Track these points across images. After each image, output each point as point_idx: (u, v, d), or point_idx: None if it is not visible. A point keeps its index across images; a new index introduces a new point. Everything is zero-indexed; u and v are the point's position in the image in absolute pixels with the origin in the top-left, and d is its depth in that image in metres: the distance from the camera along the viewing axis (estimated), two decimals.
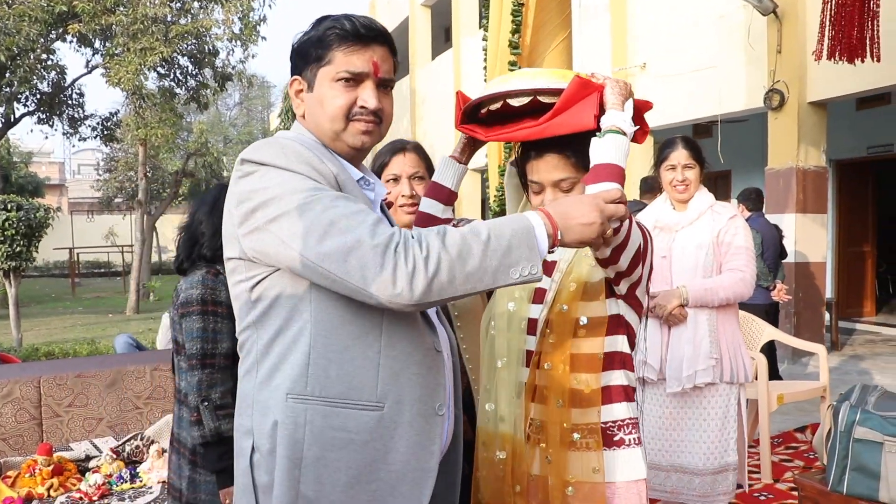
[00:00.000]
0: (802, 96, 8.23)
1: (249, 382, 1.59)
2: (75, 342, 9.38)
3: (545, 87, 1.80)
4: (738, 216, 3.38)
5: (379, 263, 1.38)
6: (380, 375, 1.53)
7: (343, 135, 1.64)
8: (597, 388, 1.85)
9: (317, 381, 1.51)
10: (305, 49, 1.65)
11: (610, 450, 1.86)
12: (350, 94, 1.62)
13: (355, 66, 1.61)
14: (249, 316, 1.58)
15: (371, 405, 1.52)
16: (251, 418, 1.57)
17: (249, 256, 1.54)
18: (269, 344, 1.56)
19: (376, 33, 1.63)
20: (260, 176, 1.52)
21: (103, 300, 19.08)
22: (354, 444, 1.51)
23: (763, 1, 8.08)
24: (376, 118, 1.65)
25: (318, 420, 1.50)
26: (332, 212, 1.43)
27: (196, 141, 24.37)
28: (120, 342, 5.75)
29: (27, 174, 30.72)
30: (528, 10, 3.90)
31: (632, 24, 10.65)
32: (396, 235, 1.41)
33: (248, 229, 1.51)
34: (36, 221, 9.76)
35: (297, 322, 1.53)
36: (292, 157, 1.52)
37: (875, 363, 8.32)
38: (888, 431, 2.63)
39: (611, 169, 1.67)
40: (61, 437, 3.71)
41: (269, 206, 1.48)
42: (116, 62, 13.87)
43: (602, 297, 1.87)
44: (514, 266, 1.45)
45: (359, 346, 1.52)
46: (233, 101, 40.45)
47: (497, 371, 1.97)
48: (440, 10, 17.43)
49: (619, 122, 1.71)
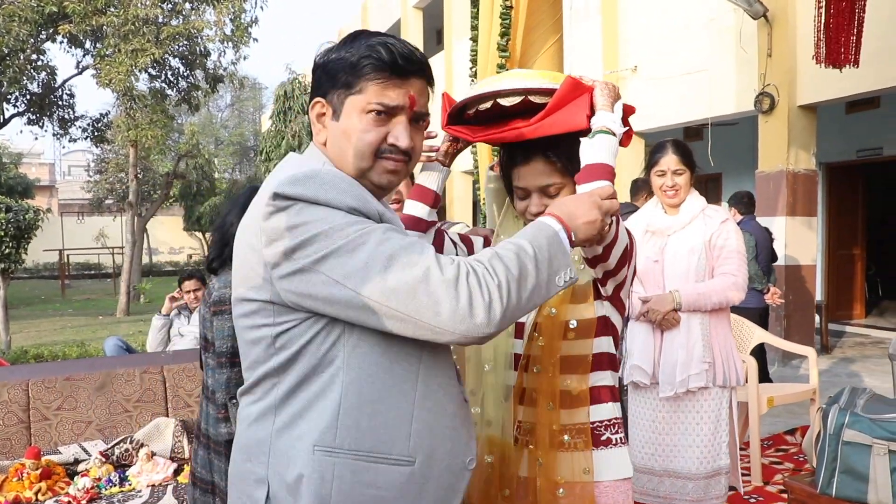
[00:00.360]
0: (792, 100, 8.26)
1: (264, 428, 1.47)
2: (65, 344, 9.33)
3: (537, 87, 1.80)
4: (729, 220, 3.38)
5: (453, 296, 1.30)
6: (413, 428, 1.44)
7: (369, 173, 1.50)
8: (585, 389, 1.87)
9: (347, 433, 1.40)
10: (335, 71, 1.50)
11: (598, 449, 1.87)
12: (381, 130, 1.48)
13: (390, 99, 1.47)
14: (271, 361, 1.45)
15: (403, 460, 1.43)
16: (266, 466, 1.45)
17: (284, 300, 1.40)
18: (293, 390, 1.44)
19: (417, 66, 1.50)
20: (297, 211, 1.37)
21: (93, 302, 19.01)
22: (384, 502, 1.42)
23: (753, 5, 8.12)
24: (405, 156, 1.52)
25: (347, 475, 1.40)
26: (389, 245, 1.33)
27: (187, 142, 24.31)
28: (110, 345, 5.72)
29: (17, 175, 30.57)
30: (518, 13, 3.90)
31: (623, 27, 10.69)
32: (464, 266, 1.34)
33: (287, 271, 1.37)
34: (25, 223, 9.71)
35: (328, 370, 1.42)
36: (331, 190, 1.38)
37: (865, 365, 8.35)
38: (877, 434, 2.65)
39: (603, 168, 1.68)
40: (50, 440, 3.68)
41: (313, 243, 1.34)
42: (107, 63, 13.82)
43: (590, 300, 1.88)
44: (558, 273, 1.43)
45: (393, 397, 1.43)
46: (224, 102, 40.43)
47: (484, 375, 1.96)
48: (432, 12, 17.45)
49: (609, 122, 1.73)
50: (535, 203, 1.90)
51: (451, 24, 15.47)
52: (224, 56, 16.41)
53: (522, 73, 1.90)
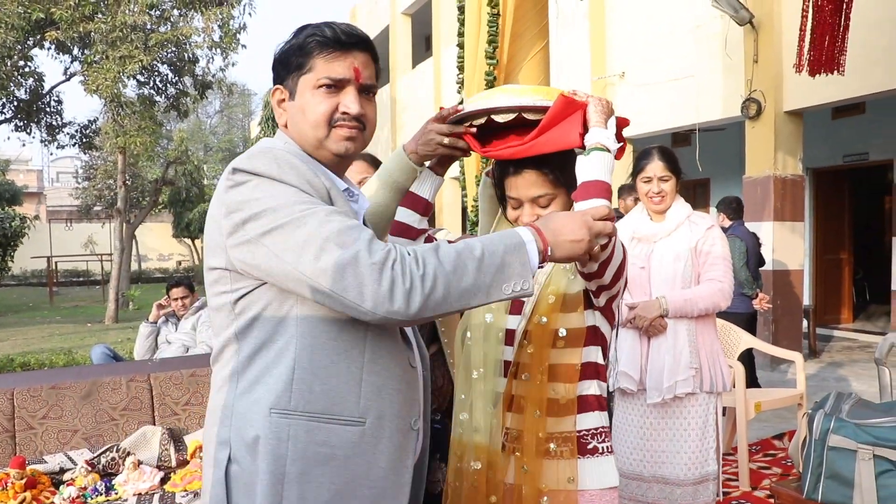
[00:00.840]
0: (779, 105, 8.31)
1: (227, 393, 1.57)
2: (52, 352, 9.28)
3: (530, 105, 1.82)
4: (715, 227, 3.40)
5: (376, 280, 1.38)
6: (362, 391, 1.54)
7: (326, 142, 1.63)
8: (573, 398, 1.88)
9: (301, 397, 1.50)
10: (286, 58, 1.65)
11: (584, 458, 1.88)
12: (332, 101, 1.61)
13: (336, 72, 1.60)
14: (231, 327, 1.56)
15: (354, 420, 1.53)
16: (229, 429, 1.55)
17: (237, 268, 1.52)
18: (252, 356, 1.54)
19: (357, 39, 1.63)
20: (253, 186, 1.49)
21: (82, 309, 18.91)
22: (337, 460, 1.51)
23: (739, 11, 8.17)
24: (359, 124, 1.64)
25: (301, 435, 1.50)
26: (328, 227, 1.42)
27: (176, 149, 24.26)
28: (97, 353, 5.70)
29: (4, 182, 30.46)
30: (504, 21, 3.91)
31: (610, 33, 10.73)
32: (393, 252, 1.41)
33: (238, 241, 1.49)
34: (11, 231, 9.68)
35: (282, 336, 1.52)
36: (286, 167, 1.51)
37: (852, 370, 8.40)
38: (861, 439, 2.65)
39: (599, 185, 1.71)
40: (35, 449, 3.65)
41: (261, 217, 1.46)
42: (95, 70, 13.76)
43: (581, 309, 1.90)
44: (507, 282, 1.47)
45: (343, 362, 1.53)
46: (213, 108, 40.38)
47: (473, 382, 1.97)
48: (420, 18, 17.48)
49: (603, 139, 1.75)
50: (527, 213, 1.92)
51: (439, 31, 15.50)
52: (213, 62, 16.35)
53: (516, 89, 1.92)
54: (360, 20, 21.00)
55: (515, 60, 3.94)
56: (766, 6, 8.28)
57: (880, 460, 2.60)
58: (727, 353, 5.03)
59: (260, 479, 1.50)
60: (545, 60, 4.08)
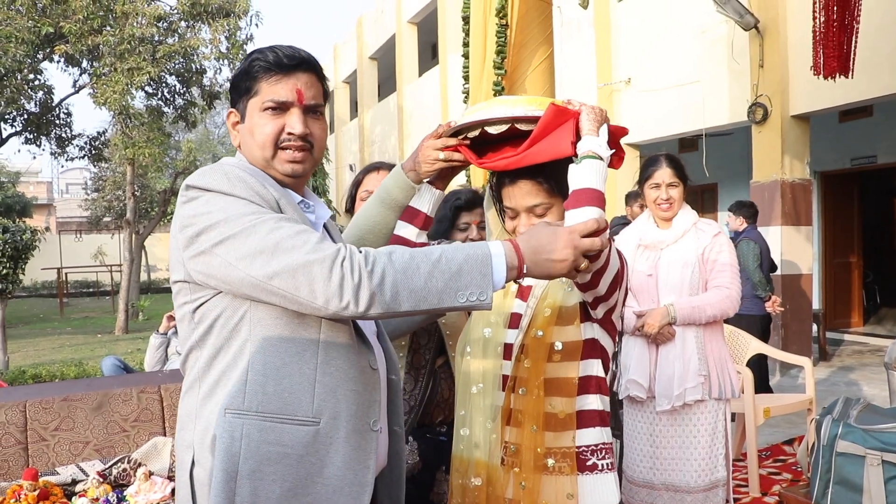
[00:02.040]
0: (785, 110, 8.30)
1: (192, 398, 1.64)
2: (63, 364, 9.31)
3: (523, 115, 1.81)
4: (722, 233, 3.41)
5: (326, 276, 1.45)
6: (316, 392, 1.59)
7: (273, 162, 1.69)
8: (571, 413, 1.85)
9: (254, 397, 1.56)
10: (237, 82, 1.72)
11: (583, 475, 1.85)
12: (277, 122, 1.67)
13: (279, 94, 1.66)
14: (192, 336, 1.63)
15: (307, 420, 1.57)
16: (192, 433, 1.61)
17: (195, 279, 1.59)
18: (210, 362, 1.61)
19: (299, 61, 1.68)
20: (205, 201, 1.56)
21: (92, 320, 18.97)
22: (290, 458, 1.56)
23: (744, 16, 8.17)
24: (306, 143, 1.69)
25: (254, 434, 1.55)
26: (277, 233, 1.49)
27: (184, 159, 24.30)
28: (107, 364, 5.71)
29: (15, 194, 30.61)
30: (510, 31, 3.93)
31: (615, 40, 10.74)
32: (343, 250, 1.47)
33: (193, 253, 1.56)
34: (22, 244, 9.70)
35: (236, 341, 1.58)
36: (235, 181, 1.57)
37: (863, 374, 8.36)
38: (870, 445, 2.65)
39: (590, 193, 1.68)
40: (47, 461, 3.66)
41: (213, 229, 1.53)
42: (104, 82, 13.84)
43: (577, 322, 1.88)
44: (463, 290, 1.49)
45: (296, 364, 1.58)
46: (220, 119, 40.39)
47: (472, 397, 1.97)
48: (427, 27, 17.55)
49: (594, 146, 1.72)
50: (523, 223, 1.92)
51: (445, 39, 15.54)
52: (220, 73, 16.43)
53: (510, 99, 1.91)
54: (367, 29, 21.09)
55: (520, 70, 3.96)
56: (770, 11, 8.28)
57: (889, 466, 2.60)
58: (735, 359, 5.03)
59: (214, 476, 1.55)
60: (550, 69, 4.10)
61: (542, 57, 4.05)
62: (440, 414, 2.49)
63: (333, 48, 24.68)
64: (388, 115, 19.48)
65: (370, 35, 20.88)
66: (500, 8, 3.90)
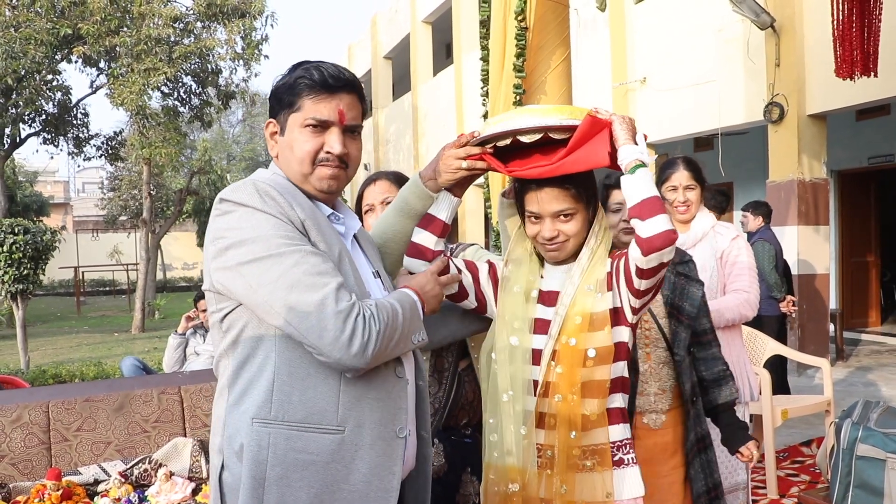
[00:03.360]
0: (802, 109, 8.26)
1: (221, 404, 1.70)
2: (82, 363, 9.38)
3: (557, 125, 1.85)
4: (740, 237, 3.40)
5: (339, 328, 1.54)
6: (340, 401, 1.63)
7: (310, 178, 1.75)
8: (602, 413, 1.91)
9: (280, 407, 1.61)
10: (279, 94, 1.76)
11: (613, 470, 1.92)
12: (317, 140, 1.72)
13: (322, 113, 1.71)
14: (222, 343, 1.69)
15: (332, 429, 1.63)
16: (222, 437, 1.68)
17: (218, 290, 1.66)
18: (238, 370, 1.66)
19: (343, 82, 1.74)
20: (237, 216, 1.62)
21: (109, 319, 19.11)
22: (316, 465, 1.61)
23: (760, 15, 8.13)
24: (342, 163, 1.76)
25: (281, 443, 1.60)
26: (302, 268, 1.57)
27: (200, 159, 24.42)
28: (126, 365, 5.76)
29: (32, 193, 30.80)
30: (529, 33, 3.92)
31: (631, 39, 10.70)
32: (357, 306, 1.57)
33: (219, 266, 1.63)
34: (42, 244, 9.78)
35: (262, 351, 1.64)
36: (267, 199, 1.63)
37: (881, 374, 8.30)
38: (890, 448, 2.65)
39: (655, 202, 1.77)
40: (70, 461, 3.69)
41: (242, 246, 1.60)
42: (120, 83, 13.93)
43: (608, 328, 1.91)
44: (414, 333, 1.70)
45: (320, 375, 1.63)
46: (236, 118, 40.57)
47: (503, 405, 1.98)
48: (441, 26, 17.52)
49: (639, 155, 1.80)
50: (547, 228, 1.94)
51: (460, 39, 15.51)
52: (235, 73, 16.49)
53: (540, 108, 1.94)
54: (381, 29, 21.09)
55: (538, 72, 3.96)
56: (787, 10, 8.23)
57: None
58: (753, 361, 5.01)
59: (243, 483, 1.61)
60: (567, 71, 4.09)
61: (559, 59, 4.05)
62: (465, 416, 2.51)
63: (348, 48, 24.69)
64: (403, 114, 19.49)
65: (384, 34, 20.88)
66: (520, 11, 3.89)
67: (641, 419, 2.66)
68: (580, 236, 1.97)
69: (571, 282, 1.94)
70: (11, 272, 9.48)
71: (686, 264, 2.72)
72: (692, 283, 2.68)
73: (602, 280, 1.93)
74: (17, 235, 9.56)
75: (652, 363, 2.68)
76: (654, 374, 2.68)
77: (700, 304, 2.67)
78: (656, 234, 1.74)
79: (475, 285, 2.06)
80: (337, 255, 1.68)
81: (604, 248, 1.98)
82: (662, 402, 2.69)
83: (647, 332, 2.68)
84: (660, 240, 1.75)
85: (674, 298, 2.67)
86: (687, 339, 2.65)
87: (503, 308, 2.02)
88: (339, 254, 1.69)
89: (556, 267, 2.03)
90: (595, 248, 1.97)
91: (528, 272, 2.03)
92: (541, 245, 1.99)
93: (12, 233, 9.59)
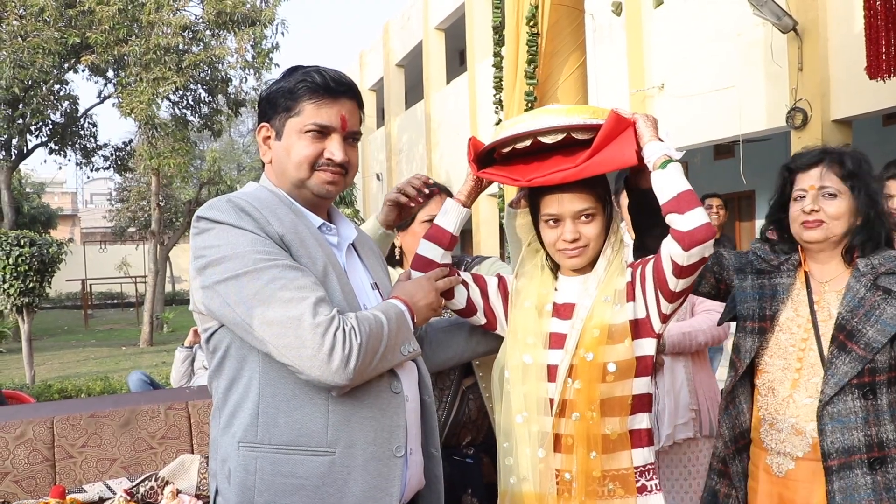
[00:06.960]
0: (826, 114, 8.12)
1: (215, 428, 1.69)
2: (88, 377, 9.32)
3: (580, 124, 1.80)
4: None
5: (318, 343, 1.48)
6: (329, 421, 1.58)
7: (308, 182, 1.71)
8: (625, 432, 1.83)
9: (266, 430, 1.58)
10: (275, 98, 1.72)
11: (635, 497, 1.83)
12: (317, 146, 1.69)
13: (323, 119, 1.68)
14: (211, 363, 1.67)
15: (322, 451, 1.57)
16: (215, 462, 1.67)
17: (200, 310, 1.63)
18: (226, 393, 1.64)
19: (345, 88, 1.71)
20: (214, 234, 1.58)
21: (116, 332, 19.06)
22: (306, 490, 1.56)
23: (782, 19, 8.00)
24: (342, 169, 1.72)
25: (267, 467, 1.57)
26: (279, 283, 1.52)
27: (209, 169, 24.41)
28: (133, 380, 5.70)
29: (39, 205, 30.88)
30: (541, 39, 3.83)
31: (648, 44, 10.61)
32: (336, 320, 1.51)
33: (199, 285, 1.60)
34: (49, 257, 9.80)
35: (246, 372, 1.60)
36: (243, 215, 1.59)
37: None
38: None
39: (691, 196, 1.72)
40: (74, 478, 3.64)
41: (218, 265, 1.56)
42: (129, 92, 13.90)
43: (628, 340, 1.82)
44: (403, 344, 1.64)
45: (306, 394, 1.58)
46: (246, 127, 40.73)
47: (516, 427, 1.89)
48: (454, 33, 17.48)
49: (667, 150, 1.77)
50: (569, 230, 1.88)
51: (473, 45, 15.46)
52: (245, 82, 16.48)
53: (561, 108, 1.90)
54: (393, 36, 21.09)
55: (552, 79, 3.86)
56: (810, 13, 8.10)
57: None
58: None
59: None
60: (583, 78, 4.00)
61: (574, 65, 3.95)
62: (468, 435, 2.45)
63: (359, 55, 24.69)
64: (416, 122, 19.40)
65: (397, 42, 20.85)
66: (531, 16, 3.80)
67: (764, 458, 2.15)
68: (598, 242, 1.91)
69: (588, 293, 1.89)
70: (17, 285, 9.51)
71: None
72: (891, 302, 2.01)
73: (621, 290, 1.88)
74: (23, 248, 9.60)
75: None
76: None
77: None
78: (697, 226, 1.69)
79: (483, 300, 2.00)
80: (321, 268, 1.63)
81: (619, 259, 1.94)
82: (796, 445, 2.09)
83: (799, 355, 2.11)
84: (701, 232, 1.69)
85: (851, 318, 2.03)
86: (848, 375, 1.98)
87: (514, 324, 1.96)
88: (323, 267, 1.64)
89: (570, 278, 1.97)
90: (612, 258, 1.93)
91: (541, 285, 1.98)
92: (560, 252, 1.92)
93: (18, 245, 9.63)
